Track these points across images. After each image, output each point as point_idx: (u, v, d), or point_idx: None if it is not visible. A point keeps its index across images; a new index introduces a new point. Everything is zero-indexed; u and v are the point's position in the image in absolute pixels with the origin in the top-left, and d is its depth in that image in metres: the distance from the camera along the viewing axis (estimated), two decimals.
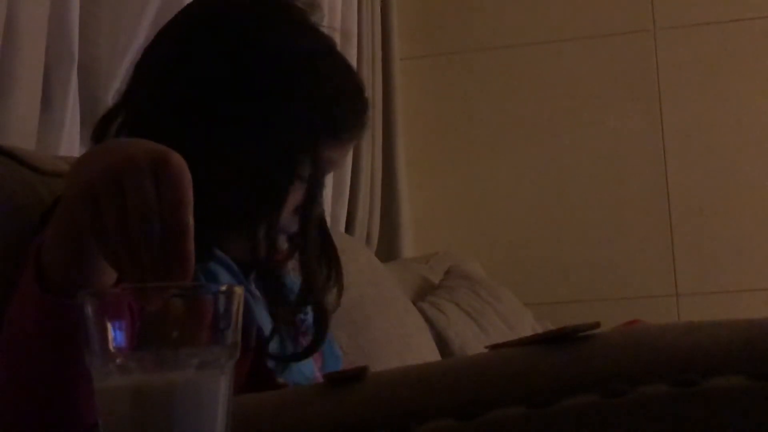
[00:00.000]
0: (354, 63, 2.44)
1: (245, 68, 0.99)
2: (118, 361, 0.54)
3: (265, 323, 1.01)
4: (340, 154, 1.06)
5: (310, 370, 1.05)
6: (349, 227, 2.43)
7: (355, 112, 1.06)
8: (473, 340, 2.08)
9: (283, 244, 1.03)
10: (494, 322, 2.20)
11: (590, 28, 2.78)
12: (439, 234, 2.80)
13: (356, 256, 1.84)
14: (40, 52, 1.32)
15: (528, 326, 2.29)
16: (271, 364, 0.99)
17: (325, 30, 1.07)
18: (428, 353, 1.89)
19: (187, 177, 0.64)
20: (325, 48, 1.05)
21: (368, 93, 1.09)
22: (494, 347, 0.73)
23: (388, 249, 2.63)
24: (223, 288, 0.56)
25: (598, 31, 2.77)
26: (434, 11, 2.89)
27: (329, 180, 2.27)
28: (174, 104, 0.99)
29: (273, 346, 1.00)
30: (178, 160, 0.65)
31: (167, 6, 1.59)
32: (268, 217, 0.99)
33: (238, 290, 0.57)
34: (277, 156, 0.98)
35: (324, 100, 1.01)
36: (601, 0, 2.79)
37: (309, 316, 1.08)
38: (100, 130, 1.03)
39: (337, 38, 1.08)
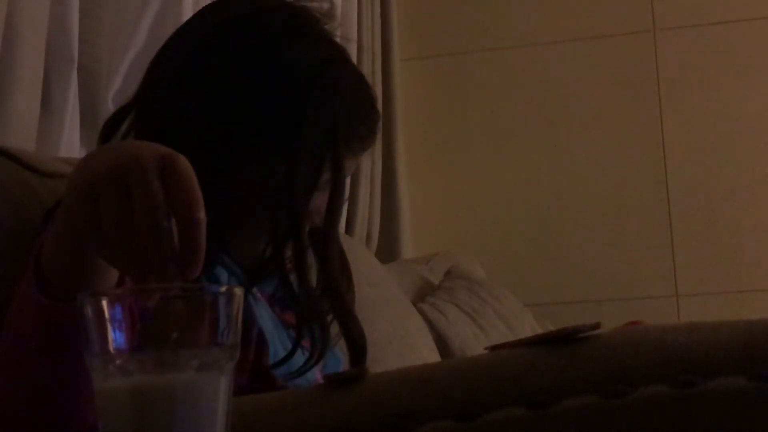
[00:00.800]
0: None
1: (260, 79, 0.99)
2: (118, 362, 0.54)
3: (266, 325, 1.01)
4: (352, 164, 1.06)
5: (312, 371, 1.05)
6: (349, 228, 2.43)
7: (369, 122, 1.06)
8: (473, 341, 2.08)
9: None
10: (494, 323, 2.20)
11: (590, 29, 2.78)
12: (438, 235, 2.80)
13: (356, 257, 1.84)
14: (39, 53, 1.32)
15: (528, 327, 2.29)
16: (280, 377, 0.99)
17: (338, 39, 1.07)
18: (428, 354, 1.89)
19: (194, 177, 0.64)
20: (340, 59, 1.05)
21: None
22: (494, 348, 0.73)
23: (388, 250, 2.63)
24: (223, 289, 0.56)
25: (599, 32, 2.77)
26: (434, 12, 2.89)
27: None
28: (187, 113, 0.99)
29: (276, 354, 1.00)
30: (184, 161, 0.65)
31: (167, 7, 1.59)
32: (292, 228, 0.98)
33: (238, 291, 0.57)
34: (299, 167, 0.98)
35: (339, 111, 1.01)
36: (602, 1, 2.79)
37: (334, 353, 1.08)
38: (108, 130, 1.03)
39: (336, 38, 1.08)
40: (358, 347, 1.02)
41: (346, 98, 1.02)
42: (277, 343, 1.00)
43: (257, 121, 0.99)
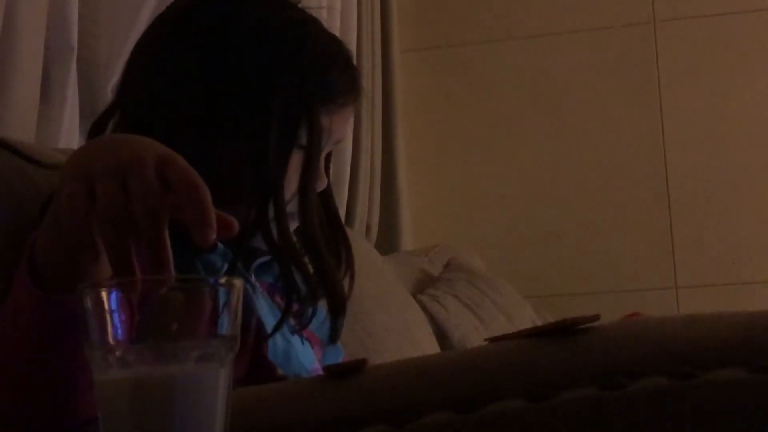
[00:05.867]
0: (354, 56, 2.43)
1: (231, 43, 1.01)
2: (117, 353, 0.54)
3: (266, 316, 1.01)
4: (337, 123, 1.06)
5: (311, 362, 1.05)
6: (349, 220, 2.43)
7: (346, 76, 1.06)
8: (473, 333, 2.08)
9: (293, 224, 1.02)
10: (494, 315, 2.20)
11: (590, 20, 2.77)
12: (438, 227, 2.80)
13: (355, 248, 1.83)
14: (39, 45, 1.32)
15: (527, 319, 2.29)
16: (271, 354, 1.00)
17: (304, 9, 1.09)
18: (428, 346, 1.89)
19: (194, 171, 0.65)
20: (308, 18, 1.07)
21: (366, 83, 1.11)
22: (494, 340, 0.73)
23: (387, 242, 2.62)
24: (223, 280, 0.56)
25: (599, 23, 2.77)
26: (434, 4, 2.89)
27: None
28: (163, 90, 1.00)
29: (275, 345, 1.00)
30: (182, 160, 0.65)
31: None
32: (272, 192, 0.98)
33: (238, 282, 0.57)
34: (272, 125, 0.99)
35: (312, 65, 1.02)
36: None
37: (319, 314, 1.08)
38: (95, 131, 1.04)
39: (337, 30, 1.09)
40: (336, 302, 1.03)
41: (316, 52, 1.03)
42: (276, 334, 1.01)
43: (230, 86, 1.00)
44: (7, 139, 1.06)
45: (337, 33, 1.09)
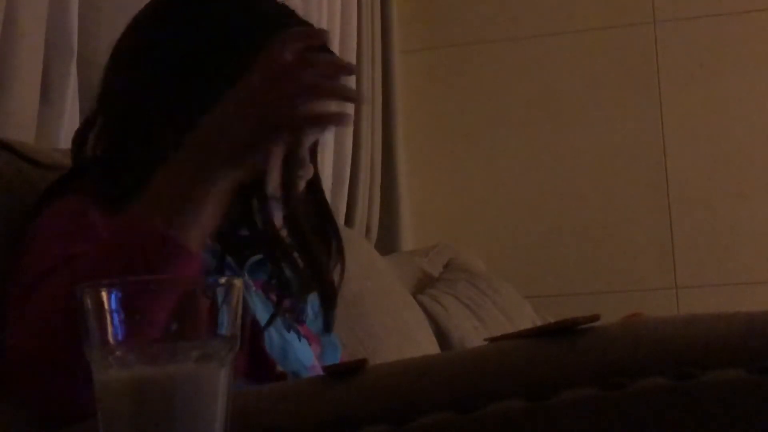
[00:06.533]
0: (354, 56, 2.44)
1: (205, 37, 1.02)
2: (117, 353, 0.54)
3: (260, 313, 1.01)
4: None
5: (309, 358, 1.06)
6: (349, 220, 2.43)
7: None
8: (473, 333, 2.08)
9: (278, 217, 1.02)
10: (494, 315, 2.20)
11: (590, 20, 2.77)
12: (438, 227, 2.80)
13: (355, 248, 1.84)
14: (39, 45, 1.32)
15: (527, 319, 2.29)
16: (268, 347, 0.99)
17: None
18: (428, 346, 1.89)
19: None
20: (288, 11, 1.08)
21: (366, 83, 1.11)
22: (494, 340, 0.73)
23: (387, 242, 2.63)
24: (222, 280, 0.56)
25: (599, 23, 2.77)
26: (434, 4, 2.89)
27: (328, 169, 2.27)
28: (144, 90, 1.01)
29: (272, 343, 1.00)
30: None
31: None
32: (255, 184, 0.98)
33: (237, 283, 0.57)
34: None
35: None
36: None
37: (313, 306, 1.08)
38: (77, 142, 1.04)
39: (336, 31, 1.09)
40: (327, 295, 1.04)
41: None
42: (272, 331, 1.01)
43: (207, 80, 1.00)
44: (7, 139, 1.06)
45: (337, 33, 1.09)
